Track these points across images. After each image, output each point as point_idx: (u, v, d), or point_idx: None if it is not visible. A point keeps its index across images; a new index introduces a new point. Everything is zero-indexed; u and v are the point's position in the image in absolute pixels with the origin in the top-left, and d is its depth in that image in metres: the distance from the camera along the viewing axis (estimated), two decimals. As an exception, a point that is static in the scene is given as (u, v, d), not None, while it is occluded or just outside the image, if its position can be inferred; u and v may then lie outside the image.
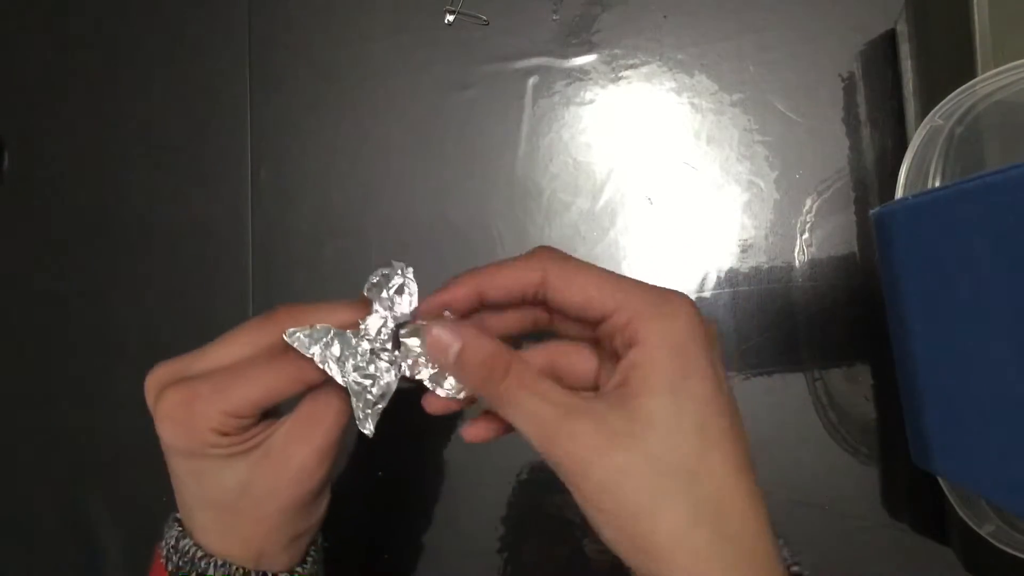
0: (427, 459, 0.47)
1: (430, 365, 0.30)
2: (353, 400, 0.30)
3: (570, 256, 0.29)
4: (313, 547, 0.34)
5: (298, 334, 0.29)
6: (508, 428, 0.30)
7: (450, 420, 0.46)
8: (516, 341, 0.30)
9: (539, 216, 0.47)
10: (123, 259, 0.51)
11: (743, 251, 0.46)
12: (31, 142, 0.52)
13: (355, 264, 0.49)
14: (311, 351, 0.29)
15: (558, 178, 0.47)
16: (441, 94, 0.49)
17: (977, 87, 0.32)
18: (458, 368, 0.28)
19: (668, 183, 0.47)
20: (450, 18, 0.48)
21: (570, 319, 0.30)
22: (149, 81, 0.51)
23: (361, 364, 0.29)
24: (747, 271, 0.46)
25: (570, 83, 0.48)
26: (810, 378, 0.45)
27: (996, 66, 0.32)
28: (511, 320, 0.31)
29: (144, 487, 0.31)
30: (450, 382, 0.30)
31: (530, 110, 0.48)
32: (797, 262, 0.46)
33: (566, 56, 0.48)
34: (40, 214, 0.52)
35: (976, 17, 0.35)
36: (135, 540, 0.49)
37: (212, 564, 0.30)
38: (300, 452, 0.30)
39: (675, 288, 0.28)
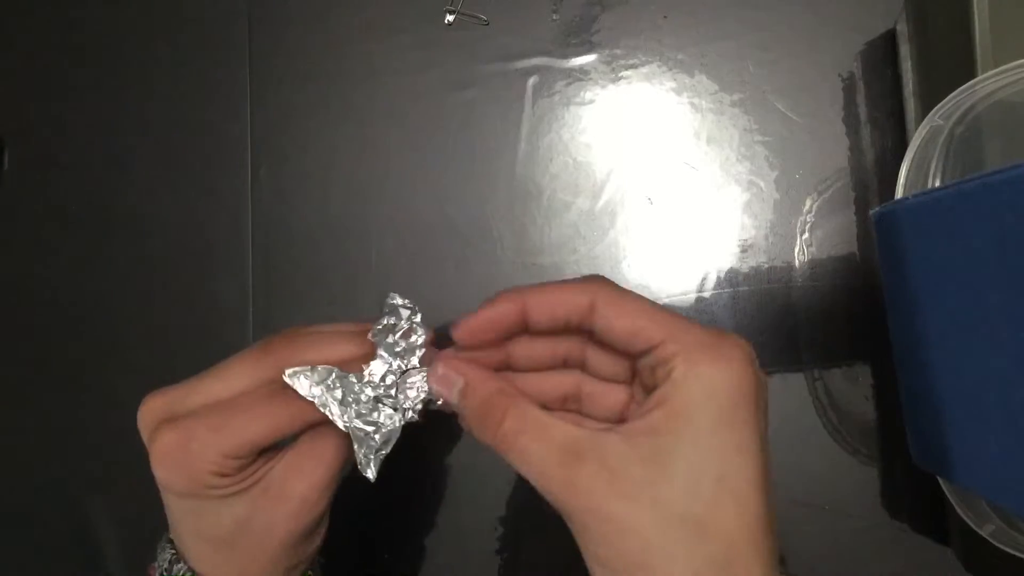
0: (427, 459, 0.47)
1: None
2: (356, 445, 0.29)
3: (622, 287, 0.28)
4: (310, 571, 0.34)
5: (299, 376, 0.28)
6: None
7: (450, 419, 0.46)
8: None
9: (539, 216, 0.47)
10: (123, 259, 0.51)
11: (743, 251, 0.46)
12: (31, 142, 0.52)
13: (355, 264, 0.49)
14: (312, 393, 0.28)
15: (558, 178, 0.47)
16: (441, 94, 0.49)
17: (977, 87, 0.32)
18: (460, 407, 0.28)
19: (668, 183, 0.47)
20: (450, 18, 0.48)
21: (611, 351, 0.29)
22: (149, 81, 0.51)
23: (364, 411, 0.29)
24: (747, 271, 0.46)
25: (570, 83, 0.48)
26: (810, 378, 0.45)
27: (996, 66, 0.32)
28: (542, 352, 0.30)
29: (144, 487, 0.31)
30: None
31: (530, 110, 0.48)
32: (797, 262, 0.46)
33: (566, 56, 0.48)
34: (40, 214, 0.52)
35: (976, 17, 0.35)
36: (135, 540, 0.49)
37: None
38: (300, 487, 0.29)
39: (728, 330, 0.27)
